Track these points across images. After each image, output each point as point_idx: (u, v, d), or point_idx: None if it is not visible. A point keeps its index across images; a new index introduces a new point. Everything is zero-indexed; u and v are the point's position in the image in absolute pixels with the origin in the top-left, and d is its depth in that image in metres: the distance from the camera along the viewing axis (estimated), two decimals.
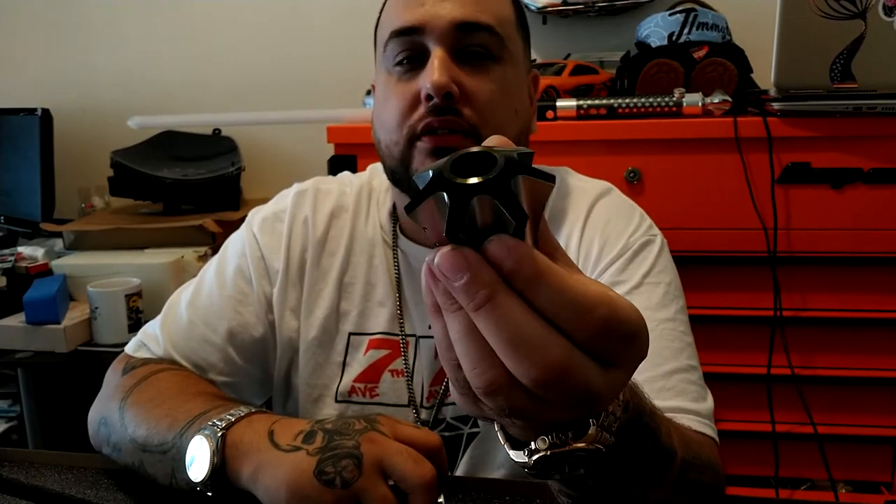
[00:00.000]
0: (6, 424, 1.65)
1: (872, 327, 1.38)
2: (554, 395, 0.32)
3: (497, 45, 0.72)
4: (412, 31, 0.71)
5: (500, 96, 0.72)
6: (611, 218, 0.80)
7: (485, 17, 0.71)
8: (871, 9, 1.23)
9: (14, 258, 1.73)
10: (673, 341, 0.73)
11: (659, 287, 0.76)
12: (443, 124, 0.69)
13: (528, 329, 0.31)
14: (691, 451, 0.57)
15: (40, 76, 2.19)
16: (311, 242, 0.81)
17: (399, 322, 0.79)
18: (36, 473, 0.69)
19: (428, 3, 0.71)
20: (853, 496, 1.45)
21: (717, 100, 1.35)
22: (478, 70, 0.71)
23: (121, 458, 0.70)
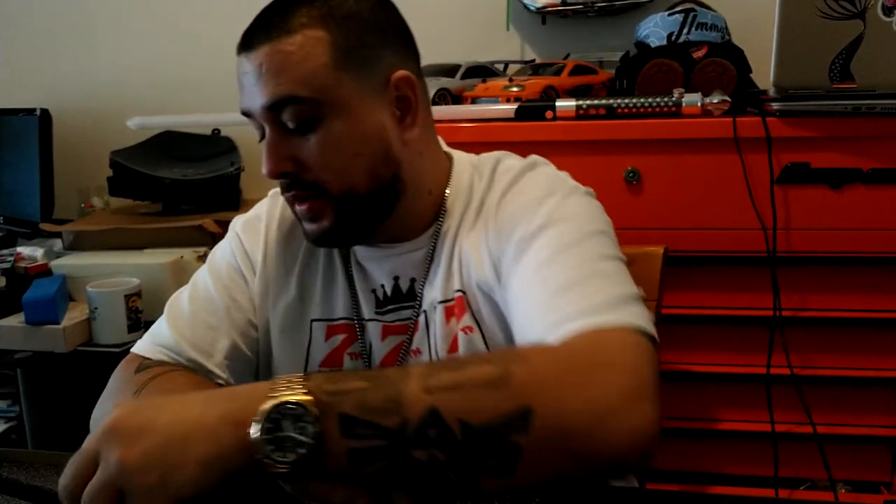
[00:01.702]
0: (6, 424, 1.65)
1: (872, 327, 1.38)
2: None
3: (311, 108, 0.73)
4: (247, 115, 0.77)
5: (330, 154, 0.74)
6: (514, 201, 0.80)
7: (287, 89, 0.72)
8: (870, 9, 1.23)
9: (13, 258, 1.73)
10: (544, 289, 0.69)
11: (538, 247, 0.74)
12: (296, 197, 0.77)
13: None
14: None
15: (40, 76, 2.19)
16: (280, 237, 0.88)
17: (355, 309, 0.85)
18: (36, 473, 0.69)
19: (246, 88, 0.76)
20: (853, 496, 1.45)
21: (717, 100, 1.35)
22: (305, 137, 0.74)
23: None
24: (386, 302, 0.84)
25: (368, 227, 0.80)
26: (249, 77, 0.75)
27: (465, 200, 0.84)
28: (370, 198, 0.77)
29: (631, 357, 0.59)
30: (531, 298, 0.70)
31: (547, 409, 0.52)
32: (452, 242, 0.82)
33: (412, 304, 0.83)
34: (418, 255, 0.83)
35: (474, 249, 0.80)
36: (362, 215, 0.78)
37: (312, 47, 0.72)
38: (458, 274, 0.81)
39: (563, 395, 0.54)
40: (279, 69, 0.72)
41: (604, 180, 1.38)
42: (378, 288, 0.85)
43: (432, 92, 1.52)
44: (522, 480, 0.52)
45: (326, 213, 0.77)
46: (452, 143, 0.93)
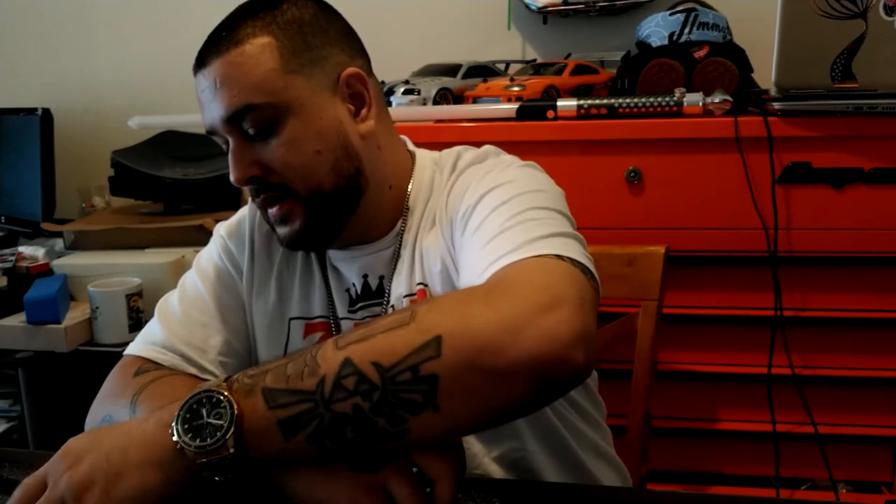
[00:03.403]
0: (6, 424, 1.65)
1: (873, 327, 1.38)
2: None
3: (267, 113, 0.75)
4: (210, 132, 0.80)
5: (293, 153, 0.77)
6: (461, 185, 0.82)
7: (241, 99, 0.75)
8: (871, 8, 1.23)
9: (15, 258, 1.73)
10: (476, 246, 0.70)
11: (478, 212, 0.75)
12: (265, 201, 0.79)
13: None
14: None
15: (40, 76, 2.19)
16: (261, 238, 0.90)
17: (330, 306, 0.87)
18: None
19: (205, 105, 0.79)
20: (853, 496, 1.45)
21: (718, 99, 1.35)
22: (266, 142, 0.77)
23: None
24: (357, 300, 0.86)
25: (337, 225, 0.82)
26: (207, 93, 0.78)
27: (426, 196, 0.86)
28: (337, 195, 0.79)
29: (543, 276, 0.59)
30: (470, 259, 0.71)
31: (454, 332, 0.53)
32: (415, 238, 0.85)
33: (380, 301, 0.85)
34: (386, 253, 0.86)
35: (433, 245, 0.83)
36: (331, 213, 0.80)
37: (260, 54, 0.76)
38: (420, 267, 0.83)
39: (467, 318, 0.54)
40: (232, 81, 0.75)
41: (605, 180, 1.38)
42: (351, 287, 0.87)
43: (433, 91, 1.52)
44: (450, 415, 0.53)
45: (297, 213, 0.79)
46: (453, 142, 0.93)
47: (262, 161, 0.77)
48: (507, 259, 0.62)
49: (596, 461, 0.91)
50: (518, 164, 0.83)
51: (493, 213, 0.72)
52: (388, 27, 1.93)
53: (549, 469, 0.84)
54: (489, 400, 0.53)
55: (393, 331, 0.54)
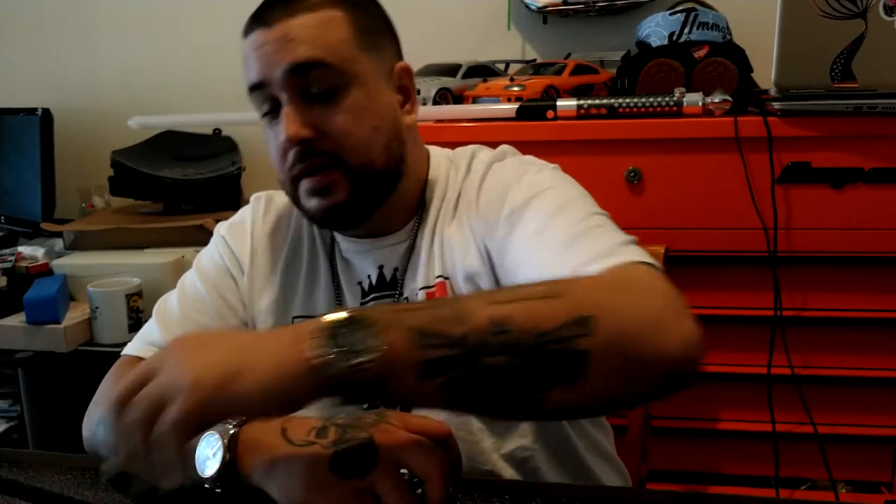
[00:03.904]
0: (6, 424, 1.65)
1: (873, 327, 1.38)
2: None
3: (336, 75, 0.76)
4: (259, 86, 0.77)
5: (352, 122, 0.77)
6: (493, 181, 0.84)
7: (314, 53, 0.75)
8: (871, 8, 1.23)
9: (14, 258, 1.73)
10: (549, 249, 0.72)
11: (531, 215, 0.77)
12: (310, 167, 0.77)
13: None
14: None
15: (40, 76, 2.19)
16: (264, 236, 0.90)
17: (337, 302, 0.87)
18: (36, 474, 0.69)
19: (264, 58, 0.76)
20: (853, 496, 1.45)
21: (718, 99, 1.35)
22: (327, 105, 0.76)
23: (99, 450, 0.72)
24: (370, 291, 0.86)
25: (374, 206, 0.82)
26: (267, 48, 0.76)
27: (442, 192, 0.87)
28: (383, 175, 0.80)
29: (660, 283, 0.61)
30: (537, 260, 0.72)
31: (606, 315, 0.53)
32: (432, 233, 0.85)
33: (393, 293, 0.86)
34: (402, 247, 0.86)
35: (458, 239, 0.83)
36: (373, 192, 0.80)
37: (334, 24, 0.77)
38: (440, 261, 0.84)
39: (618, 305, 0.55)
40: (304, 38, 0.75)
41: (605, 180, 1.38)
42: (364, 279, 0.87)
43: (433, 91, 1.52)
44: (588, 393, 0.52)
45: (341, 186, 0.77)
46: (453, 142, 0.93)
47: (318, 125, 0.76)
48: (604, 263, 0.64)
49: (598, 461, 0.91)
50: (550, 168, 0.85)
51: (554, 218, 0.74)
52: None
53: (552, 468, 0.85)
54: (626, 386, 0.54)
55: (546, 300, 0.54)
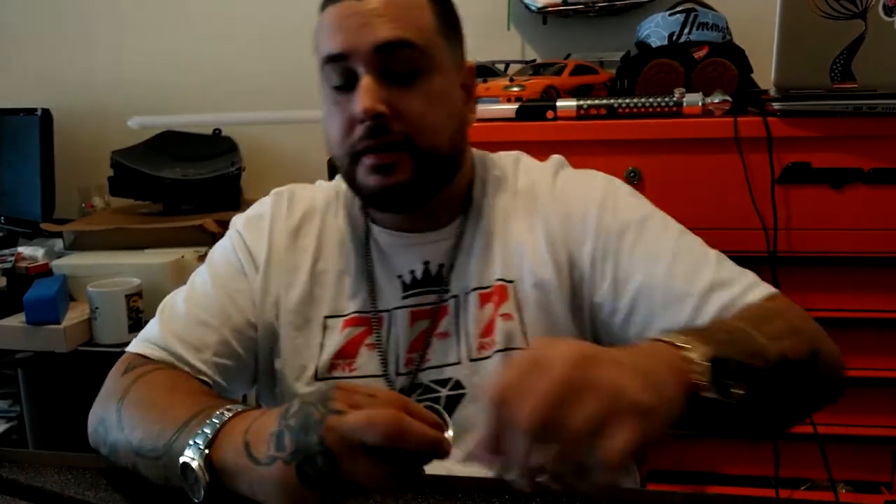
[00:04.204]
0: (6, 424, 1.65)
1: (873, 327, 1.38)
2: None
3: (420, 58, 0.76)
4: (339, 57, 0.76)
5: (428, 106, 0.77)
6: (575, 190, 0.87)
7: (403, 33, 0.75)
8: (871, 9, 1.23)
9: (14, 258, 1.73)
10: (691, 257, 0.81)
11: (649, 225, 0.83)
12: (378, 144, 0.76)
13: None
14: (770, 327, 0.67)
15: (40, 76, 2.19)
16: (285, 237, 0.88)
17: (372, 301, 0.85)
18: (36, 474, 0.69)
19: (350, 29, 0.75)
20: (853, 496, 1.45)
21: (718, 100, 1.35)
22: (406, 86, 0.76)
23: (117, 460, 0.71)
24: (414, 285, 0.85)
25: (434, 190, 0.82)
26: (356, 19, 0.75)
27: (492, 193, 0.87)
28: (446, 162, 0.81)
29: (802, 310, 0.76)
30: (666, 285, 0.78)
31: (820, 346, 0.71)
32: (488, 233, 0.85)
33: (438, 290, 0.84)
34: (447, 243, 0.86)
35: (528, 244, 0.83)
36: (434, 178, 0.80)
37: (423, 8, 0.78)
38: (501, 263, 0.83)
39: (818, 337, 0.73)
40: (396, 15, 0.76)
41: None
42: (405, 273, 0.85)
43: None
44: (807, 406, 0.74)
45: (405, 166, 0.77)
46: None
47: (394, 103, 0.75)
48: (761, 291, 0.76)
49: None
50: (627, 188, 0.88)
51: (681, 240, 0.83)
52: None
53: None
54: (820, 396, 0.74)
55: (793, 336, 0.68)
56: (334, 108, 0.79)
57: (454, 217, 0.86)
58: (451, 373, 0.82)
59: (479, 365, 0.82)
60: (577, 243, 0.82)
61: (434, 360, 0.83)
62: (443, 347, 0.83)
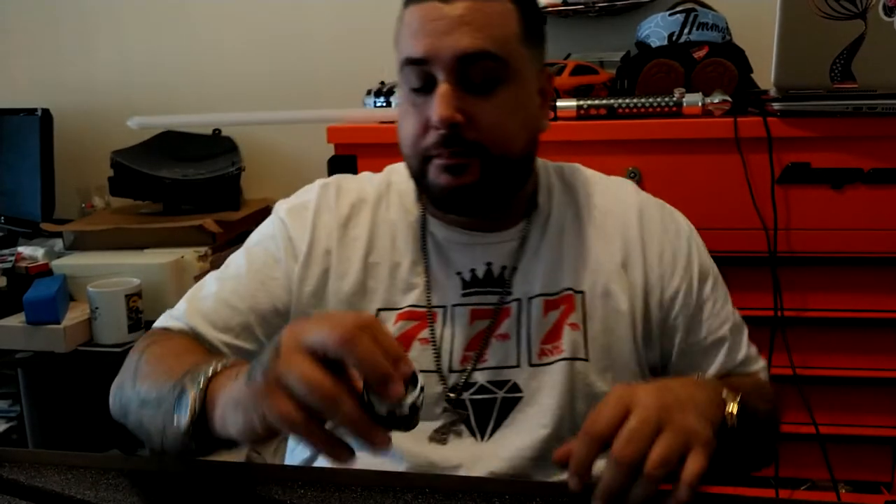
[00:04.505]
0: (6, 424, 1.65)
1: (873, 327, 1.38)
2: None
3: (500, 69, 0.76)
4: (420, 61, 0.76)
5: (504, 117, 0.77)
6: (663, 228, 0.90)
7: (485, 45, 0.75)
8: (871, 9, 1.23)
9: (14, 258, 1.73)
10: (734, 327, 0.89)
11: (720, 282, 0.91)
12: (452, 155, 0.76)
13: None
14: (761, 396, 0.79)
15: (40, 76, 2.19)
16: (335, 228, 0.86)
17: (427, 296, 0.84)
18: (36, 473, 0.69)
19: (433, 35, 0.75)
20: (853, 496, 1.45)
21: (717, 100, 1.35)
22: (483, 95, 0.76)
23: (129, 422, 0.73)
24: (474, 284, 0.85)
25: (502, 194, 0.82)
26: (440, 24, 0.75)
27: (563, 202, 0.88)
28: (517, 167, 0.81)
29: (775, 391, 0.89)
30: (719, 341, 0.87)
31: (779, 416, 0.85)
32: (557, 241, 0.85)
33: (500, 291, 0.84)
34: (510, 245, 0.85)
35: (603, 257, 0.85)
36: (505, 180, 0.80)
37: (508, 16, 0.77)
38: (571, 273, 0.84)
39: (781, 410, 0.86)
40: (481, 24, 0.75)
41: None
42: (465, 271, 0.85)
43: None
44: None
45: (474, 169, 0.77)
46: None
47: (470, 112, 0.75)
48: (760, 364, 0.91)
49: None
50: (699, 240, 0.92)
51: (727, 303, 0.90)
52: (389, 27, 1.93)
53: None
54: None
55: (772, 406, 0.82)
56: (410, 109, 0.79)
57: (518, 220, 0.86)
58: (509, 375, 0.82)
59: (538, 370, 0.82)
60: (662, 275, 0.85)
61: (491, 360, 0.82)
62: (502, 349, 0.83)
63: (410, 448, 0.79)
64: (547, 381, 0.81)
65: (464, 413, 0.81)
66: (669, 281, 0.85)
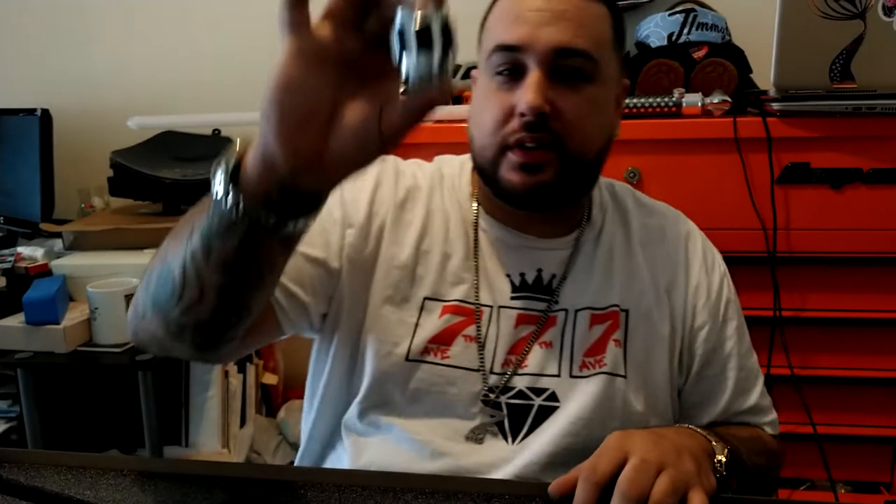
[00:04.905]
0: (6, 424, 1.65)
1: (872, 327, 1.38)
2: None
3: (591, 68, 0.77)
4: (514, 48, 0.76)
5: (588, 114, 0.78)
6: (703, 260, 0.90)
7: (583, 43, 0.76)
8: (870, 9, 1.23)
9: (14, 258, 1.73)
10: (748, 373, 0.89)
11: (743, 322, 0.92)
12: (533, 140, 0.76)
13: None
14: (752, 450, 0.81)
15: (40, 76, 2.19)
16: (391, 207, 0.85)
17: (475, 292, 0.83)
18: (36, 473, 0.69)
19: (531, 24, 0.76)
20: (853, 496, 1.45)
21: (717, 100, 1.35)
22: (570, 89, 0.77)
23: (141, 328, 0.68)
24: (523, 288, 0.84)
25: (574, 194, 0.83)
26: (541, 15, 0.76)
27: (616, 218, 0.89)
28: (589, 169, 0.82)
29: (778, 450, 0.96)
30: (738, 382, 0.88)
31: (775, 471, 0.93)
32: (609, 256, 0.86)
33: (547, 299, 0.84)
34: (562, 254, 0.86)
35: (648, 278, 0.86)
36: (578, 181, 0.81)
37: (603, 20, 0.79)
38: (620, 290, 0.85)
39: (778, 468, 0.93)
40: (579, 22, 0.76)
41: None
42: (514, 273, 0.84)
43: None
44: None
45: (552, 167, 0.77)
46: (453, 143, 0.94)
47: (555, 102, 0.76)
48: (771, 416, 0.95)
49: None
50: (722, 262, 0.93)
51: (751, 353, 0.91)
52: None
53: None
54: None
55: (769, 457, 0.89)
56: (492, 96, 0.79)
57: (571, 229, 0.87)
58: (548, 383, 0.82)
59: (577, 382, 0.81)
60: (695, 305, 0.86)
61: (532, 367, 0.82)
62: (544, 357, 0.82)
63: (445, 445, 0.79)
64: (584, 392, 0.81)
65: (500, 415, 0.80)
66: (699, 313, 0.87)
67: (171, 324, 0.64)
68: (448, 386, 0.80)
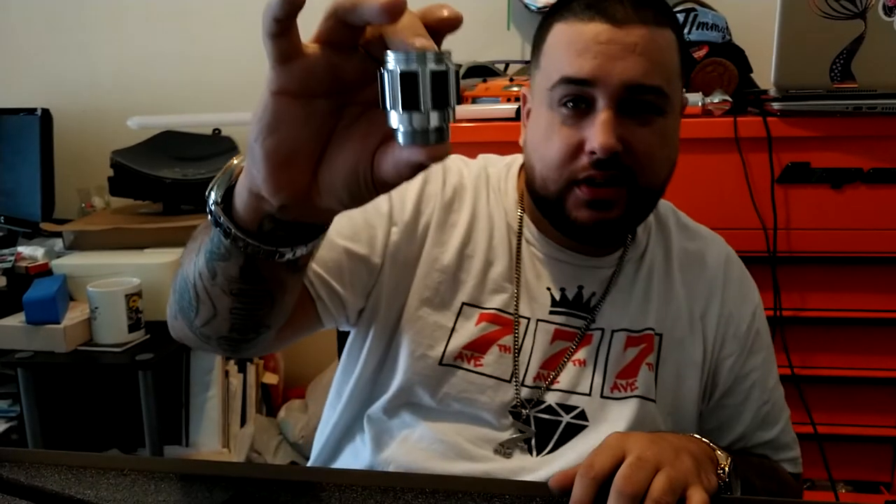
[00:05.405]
0: (6, 424, 1.65)
1: (872, 327, 1.38)
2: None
3: (662, 102, 0.75)
4: (583, 82, 0.73)
5: (658, 148, 0.76)
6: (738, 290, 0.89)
7: (654, 79, 0.73)
8: (871, 9, 1.23)
9: (14, 258, 1.73)
10: (772, 407, 0.90)
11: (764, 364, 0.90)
12: (604, 177, 0.74)
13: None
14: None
15: (40, 76, 2.19)
16: (438, 206, 0.83)
17: (515, 303, 0.82)
18: (36, 473, 0.69)
19: (603, 58, 0.73)
20: (853, 496, 1.45)
21: (717, 100, 1.35)
22: (641, 124, 0.75)
23: (171, 320, 0.68)
24: (563, 304, 0.83)
25: (635, 226, 0.83)
26: (613, 49, 0.73)
27: (658, 240, 0.88)
28: (656, 198, 0.80)
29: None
30: (762, 412, 0.88)
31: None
32: (649, 279, 0.85)
33: (586, 317, 0.83)
34: (605, 272, 0.84)
35: (685, 303, 0.85)
36: (640, 214, 0.80)
37: (672, 48, 0.76)
38: (656, 313, 0.84)
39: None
40: (654, 57, 0.73)
41: None
42: (555, 288, 0.83)
43: None
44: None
45: (620, 203, 0.76)
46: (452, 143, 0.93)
47: (625, 138, 0.73)
48: (795, 453, 0.92)
49: None
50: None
51: (779, 385, 0.92)
52: None
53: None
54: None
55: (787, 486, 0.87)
56: (558, 129, 0.76)
57: (615, 248, 0.85)
58: (578, 401, 0.81)
59: (608, 403, 0.81)
60: (724, 334, 0.86)
61: (564, 383, 0.81)
62: (577, 374, 0.82)
63: (472, 450, 0.79)
64: (615, 414, 0.80)
65: (529, 431, 0.80)
66: (728, 343, 0.86)
67: (196, 331, 0.65)
68: (478, 394, 0.80)
